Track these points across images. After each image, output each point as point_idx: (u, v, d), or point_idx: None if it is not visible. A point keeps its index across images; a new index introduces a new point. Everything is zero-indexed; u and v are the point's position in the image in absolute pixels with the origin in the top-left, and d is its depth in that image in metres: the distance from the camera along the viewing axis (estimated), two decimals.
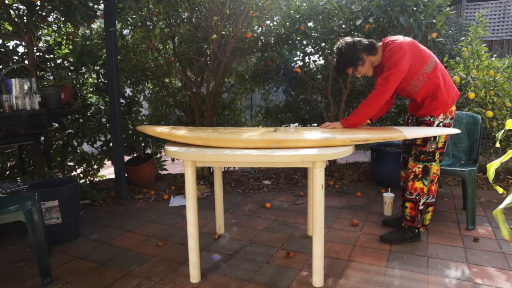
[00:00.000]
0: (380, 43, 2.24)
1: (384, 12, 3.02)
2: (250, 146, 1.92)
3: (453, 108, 2.27)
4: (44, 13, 3.26)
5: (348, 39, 2.24)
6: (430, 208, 2.37)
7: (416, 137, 2.09)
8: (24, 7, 3.10)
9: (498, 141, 1.22)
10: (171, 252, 2.34)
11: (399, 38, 2.16)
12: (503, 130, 1.23)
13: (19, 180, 3.07)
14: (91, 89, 3.85)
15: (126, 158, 3.98)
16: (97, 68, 3.67)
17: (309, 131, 2.12)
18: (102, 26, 3.75)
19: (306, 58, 3.91)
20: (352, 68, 2.25)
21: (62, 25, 3.63)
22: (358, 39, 2.23)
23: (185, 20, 3.59)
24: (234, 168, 4.56)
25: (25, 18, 3.05)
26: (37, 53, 3.43)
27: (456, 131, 2.09)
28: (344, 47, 2.21)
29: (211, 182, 3.82)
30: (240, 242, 2.47)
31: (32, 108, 2.82)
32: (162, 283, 1.96)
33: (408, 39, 2.17)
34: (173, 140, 2.13)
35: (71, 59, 3.53)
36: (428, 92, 2.20)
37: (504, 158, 1.03)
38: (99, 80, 3.73)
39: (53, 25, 3.62)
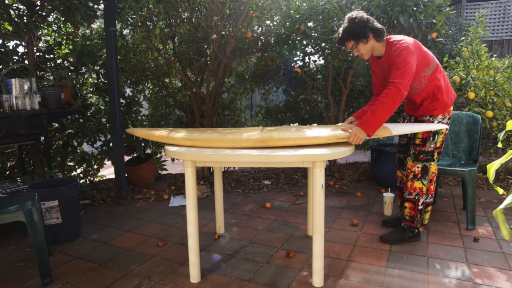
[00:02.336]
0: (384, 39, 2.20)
1: (384, 12, 3.02)
2: (237, 146, 1.96)
3: (451, 108, 2.28)
4: (44, 13, 3.26)
5: (363, 13, 2.15)
6: (429, 208, 2.37)
7: (402, 133, 2.05)
8: (24, 7, 3.10)
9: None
10: (171, 252, 2.34)
11: (404, 38, 2.12)
12: (504, 131, 1.23)
13: (19, 180, 3.07)
14: (91, 89, 3.85)
15: (126, 158, 3.98)
16: (97, 68, 3.67)
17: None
18: (102, 26, 3.75)
19: (306, 58, 3.91)
20: (354, 42, 2.15)
21: (62, 25, 3.63)
22: (372, 18, 2.15)
23: (185, 20, 3.59)
24: (234, 168, 4.57)
25: (25, 18, 3.05)
26: (37, 53, 3.43)
27: (444, 126, 2.10)
28: (358, 18, 2.12)
29: (211, 182, 3.82)
30: (240, 242, 2.47)
31: (32, 108, 2.82)
32: (162, 283, 1.96)
33: (411, 39, 2.14)
34: (161, 141, 2.17)
35: (71, 59, 3.53)
36: (428, 94, 2.20)
37: (504, 159, 1.03)
38: (99, 80, 3.73)
39: (53, 25, 3.62)
